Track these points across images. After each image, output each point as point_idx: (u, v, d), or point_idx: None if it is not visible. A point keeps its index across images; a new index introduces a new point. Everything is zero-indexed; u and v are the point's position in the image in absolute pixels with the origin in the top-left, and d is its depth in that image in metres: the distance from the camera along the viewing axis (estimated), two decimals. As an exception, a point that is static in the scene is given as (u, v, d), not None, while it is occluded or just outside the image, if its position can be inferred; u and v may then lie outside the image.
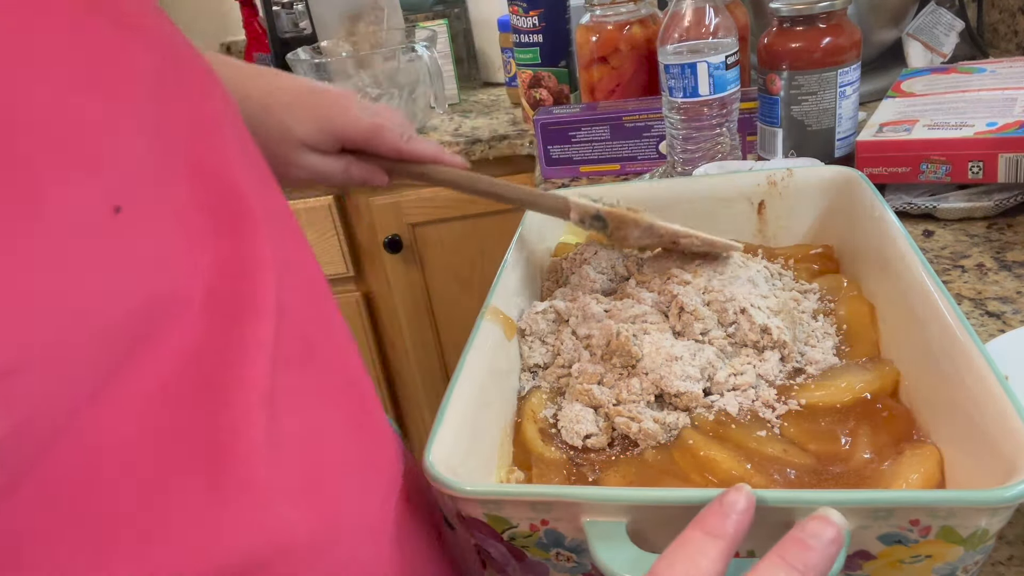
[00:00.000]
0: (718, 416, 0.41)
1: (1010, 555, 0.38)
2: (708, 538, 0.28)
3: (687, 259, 0.52)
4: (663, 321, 0.47)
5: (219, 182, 0.29)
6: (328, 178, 0.54)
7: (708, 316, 0.45)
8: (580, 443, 0.41)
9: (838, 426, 0.39)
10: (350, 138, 0.52)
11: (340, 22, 1.31)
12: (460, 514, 0.35)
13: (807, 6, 0.71)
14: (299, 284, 0.34)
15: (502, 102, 1.37)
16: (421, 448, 0.35)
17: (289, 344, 0.30)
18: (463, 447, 0.37)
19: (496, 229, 1.24)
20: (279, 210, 0.35)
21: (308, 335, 0.33)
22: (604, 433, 0.42)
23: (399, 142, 0.53)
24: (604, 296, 0.50)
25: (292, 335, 0.31)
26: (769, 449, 0.38)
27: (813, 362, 0.43)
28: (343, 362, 0.36)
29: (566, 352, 0.47)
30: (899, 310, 0.43)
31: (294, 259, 0.34)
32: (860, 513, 0.29)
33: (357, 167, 0.54)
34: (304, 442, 0.31)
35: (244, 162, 0.32)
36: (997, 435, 0.31)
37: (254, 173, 0.33)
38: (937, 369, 0.38)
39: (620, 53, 0.95)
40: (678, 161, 0.79)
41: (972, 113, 0.70)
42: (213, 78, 0.33)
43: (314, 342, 0.34)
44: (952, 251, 0.64)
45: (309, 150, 0.52)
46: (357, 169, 0.54)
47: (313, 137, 0.51)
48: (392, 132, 0.52)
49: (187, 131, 0.29)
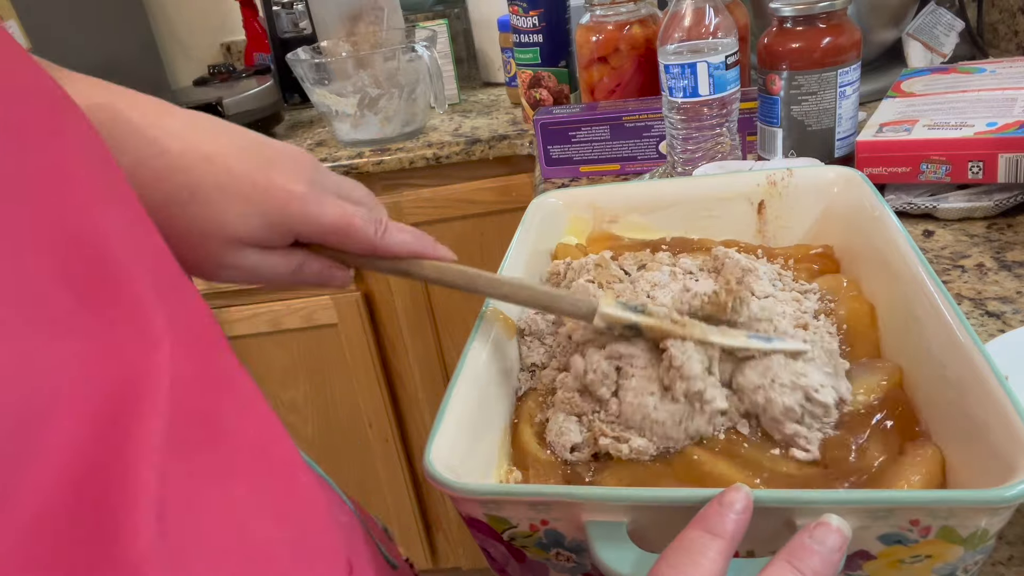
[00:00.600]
0: (729, 435, 0.38)
1: (1010, 555, 0.38)
2: (708, 537, 0.28)
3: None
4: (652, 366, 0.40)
5: (85, 247, 0.24)
6: (272, 280, 0.42)
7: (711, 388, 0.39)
8: (567, 455, 0.40)
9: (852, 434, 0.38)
10: (309, 235, 0.41)
11: (340, 22, 1.31)
12: (460, 514, 0.35)
13: (807, 6, 0.71)
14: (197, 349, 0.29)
15: (502, 102, 1.37)
16: (421, 449, 0.35)
17: (189, 430, 0.26)
18: (463, 447, 0.37)
19: (496, 229, 1.25)
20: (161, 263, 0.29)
21: (211, 414, 0.28)
22: (588, 446, 0.40)
23: (372, 238, 0.41)
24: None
25: (191, 419, 0.26)
26: (784, 468, 0.37)
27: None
28: (256, 429, 0.31)
29: (563, 353, 0.47)
30: (899, 310, 0.43)
31: (184, 320, 0.28)
32: (860, 513, 0.29)
33: (312, 264, 0.43)
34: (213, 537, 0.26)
35: (115, 211, 0.27)
36: (997, 435, 0.31)
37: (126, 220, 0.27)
38: (937, 369, 0.38)
39: (620, 53, 0.95)
40: (678, 161, 0.79)
41: (972, 113, 0.70)
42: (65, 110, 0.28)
43: (219, 420, 0.28)
44: (952, 251, 0.64)
45: (248, 247, 0.40)
46: (312, 266, 0.43)
47: (257, 234, 0.39)
48: (364, 226, 0.41)
49: (45, 192, 0.24)
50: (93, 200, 0.26)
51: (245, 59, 1.64)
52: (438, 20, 1.41)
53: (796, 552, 0.28)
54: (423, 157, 1.19)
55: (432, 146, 1.19)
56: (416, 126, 1.26)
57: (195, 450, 0.26)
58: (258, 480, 0.29)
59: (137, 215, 0.29)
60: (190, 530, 0.25)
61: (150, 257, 0.28)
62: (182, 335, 0.27)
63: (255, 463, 0.30)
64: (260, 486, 0.29)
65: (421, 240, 0.43)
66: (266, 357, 1.34)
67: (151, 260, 0.28)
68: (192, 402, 0.27)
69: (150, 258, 0.28)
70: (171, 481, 0.24)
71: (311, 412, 1.40)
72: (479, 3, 1.42)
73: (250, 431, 0.30)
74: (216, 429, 0.28)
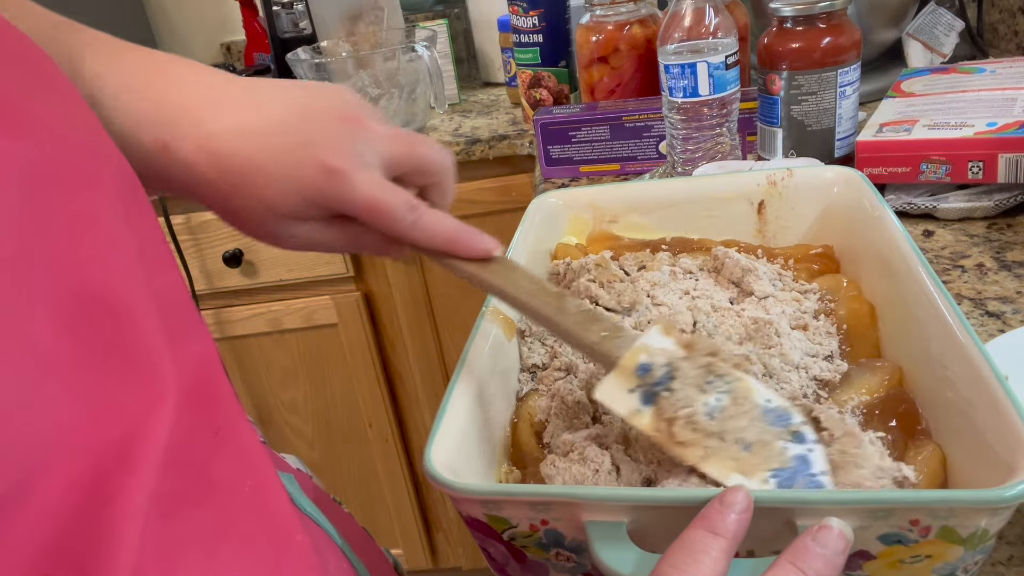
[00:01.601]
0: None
1: (1010, 555, 0.38)
2: (710, 536, 0.28)
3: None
4: None
5: (99, 299, 0.24)
6: (331, 249, 0.42)
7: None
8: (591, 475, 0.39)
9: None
10: (348, 213, 0.40)
11: (340, 22, 1.31)
12: (460, 514, 0.35)
13: (807, 6, 0.71)
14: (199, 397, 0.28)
15: (502, 102, 1.37)
16: (421, 449, 0.35)
17: (179, 484, 0.25)
18: (463, 447, 0.37)
19: (496, 229, 1.24)
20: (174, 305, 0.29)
21: (205, 467, 0.27)
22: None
23: (403, 225, 0.39)
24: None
25: (184, 473, 0.26)
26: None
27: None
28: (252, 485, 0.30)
29: (564, 355, 0.47)
30: (899, 310, 0.43)
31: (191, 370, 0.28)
32: (860, 513, 0.29)
33: (365, 237, 0.42)
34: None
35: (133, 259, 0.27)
36: (997, 435, 0.31)
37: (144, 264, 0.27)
38: (937, 369, 0.38)
39: (620, 53, 0.95)
40: (678, 161, 0.79)
41: (972, 113, 0.70)
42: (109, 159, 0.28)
43: (213, 474, 0.28)
44: (952, 251, 0.64)
45: (299, 221, 0.40)
46: (366, 239, 0.42)
47: (300, 211, 0.39)
48: (394, 211, 0.39)
49: (62, 239, 0.24)
50: (109, 254, 0.25)
51: (245, 59, 1.64)
52: (438, 20, 1.41)
53: (800, 554, 0.28)
54: (423, 157, 1.19)
55: (432, 146, 1.19)
56: (416, 126, 1.26)
57: (185, 508, 0.25)
58: (247, 540, 0.28)
59: (156, 253, 0.29)
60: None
61: (164, 301, 0.28)
62: (187, 385, 0.27)
63: (247, 521, 0.29)
64: (248, 547, 0.28)
65: (458, 233, 0.40)
66: (266, 357, 1.34)
67: (165, 304, 0.28)
68: (187, 456, 0.26)
69: (164, 302, 0.28)
70: (152, 545, 0.23)
71: (311, 412, 1.40)
72: (479, 3, 1.42)
73: (245, 486, 0.29)
74: (208, 485, 0.27)
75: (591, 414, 0.43)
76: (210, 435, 0.28)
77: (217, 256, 1.23)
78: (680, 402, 0.35)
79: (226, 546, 0.27)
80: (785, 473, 0.34)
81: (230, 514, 0.28)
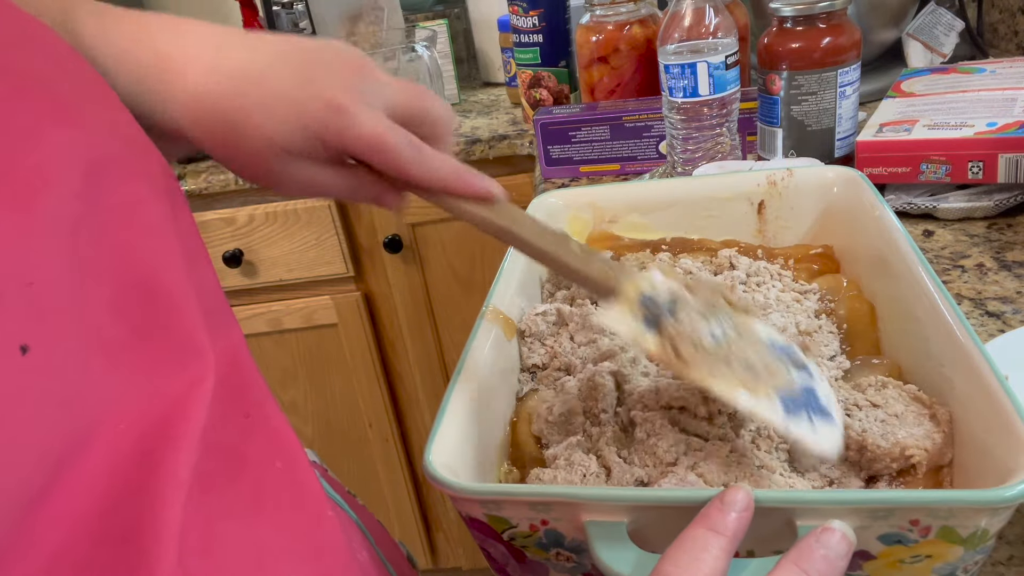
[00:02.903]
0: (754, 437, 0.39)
1: (1010, 555, 0.38)
2: (711, 534, 0.28)
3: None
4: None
5: (146, 283, 0.25)
6: (331, 194, 0.42)
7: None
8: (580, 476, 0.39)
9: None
10: (347, 150, 0.39)
11: (340, 22, 1.31)
12: (460, 514, 0.35)
13: (807, 6, 0.71)
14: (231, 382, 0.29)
15: (502, 102, 1.37)
16: (421, 449, 0.35)
17: (215, 463, 0.27)
18: (463, 447, 0.37)
19: (496, 229, 1.24)
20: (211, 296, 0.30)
21: (238, 446, 0.29)
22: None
23: (404, 161, 0.39)
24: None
25: (219, 452, 0.27)
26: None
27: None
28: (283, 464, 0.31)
29: (563, 355, 0.47)
30: (899, 310, 0.43)
31: (227, 354, 0.29)
32: (860, 513, 0.29)
33: (366, 182, 0.41)
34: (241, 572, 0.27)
35: (175, 244, 0.28)
36: (997, 435, 0.31)
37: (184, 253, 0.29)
38: (937, 369, 0.38)
39: (620, 53, 0.95)
40: (678, 161, 0.79)
41: (972, 113, 0.70)
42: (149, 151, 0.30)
43: (245, 453, 0.29)
44: (952, 251, 0.64)
45: (301, 160, 0.39)
46: (366, 185, 0.41)
47: (300, 147, 0.38)
48: (396, 147, 0.38)
49: (114, 224, 0.25)
50: (156, 235, 0.27)
51: (245, 59, 1.64)
52: (438, 20, 1.41)
53: (803, 555, 0.28)
54: (423, 157, 1.19)
55: (432, 146, 1.19)
56: (416, 126, 1.26)
57: (221, 485, 0.27)
58: (282, 516, 0.30)
59: (195, 246, 0.30)
60: (209, 565, 0.25)
61: (203, 290, 0.29)
62: (223, 369, 0.28)
63: (280, 498, 0.30)
64: (283, 523, 0.30)
65: (459, 172, 0.40)
66: (266, 357, 1.34)
67: (203, 293, 0.29)
68: (222, 435, 0.27)
69: (202, 291, 0.29)
70: (194, 516, 0.25)
71: (311, 412, 1.40)
72: (479, 3, 1.42)
73: (277, 466, 0.31)
74: (244, 464, 0.28)
75: (581, 425, 0.42)
76: (241, 416, 0.30)
77: (217, 256, 1.23)
78: (685, 328, 0.35)
79: (262, 518, 0.28)
80: (791, 399, 0.34)
81: (264, 490, 0.29)
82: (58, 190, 0.23)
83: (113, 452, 0.23)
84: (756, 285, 0.50)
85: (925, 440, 0.35)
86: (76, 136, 0.25)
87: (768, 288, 0.50)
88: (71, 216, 0.23)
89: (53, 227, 0.22)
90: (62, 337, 0.22)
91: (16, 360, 0.20)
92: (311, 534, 0.31)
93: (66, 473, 0.21)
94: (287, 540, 0.30)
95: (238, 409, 0.29)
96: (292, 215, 1.21)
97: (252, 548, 0.27)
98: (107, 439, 0.22)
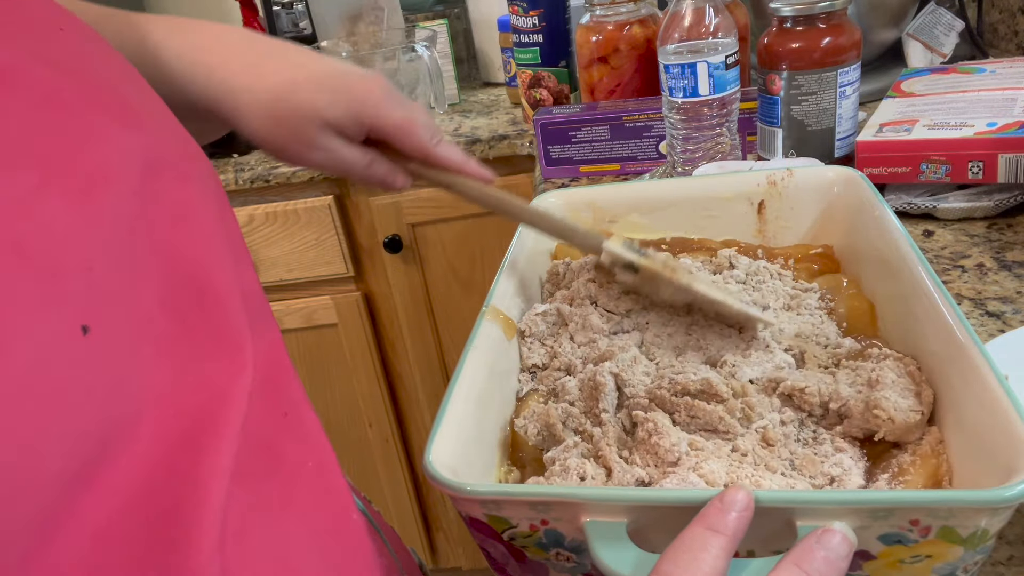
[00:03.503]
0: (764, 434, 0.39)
1: (1010, 555, 0.38)
2: (710, 534, 0.28)
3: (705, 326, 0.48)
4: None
5: (193, 279, 0.27)
6: (349, 168, 0.49)
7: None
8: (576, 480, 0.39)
9: None
10: (379, 128, 0.48)
11: (340, 22, 1.31)
12: (460, 514, 0.35)
13: (807, 6, 0.71)
14: (270, 380, 0.31)
15: (502, 102, 1.37)
16: (421, 449, 0.35)
17: (252, 458, 0.28)
18: (463, 447, 0.37)
19: (496, 229, 1.24)
20: (253, 297, 0.32)
21: (274, 444, 0.30)
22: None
23: (427, 144, 0.48)
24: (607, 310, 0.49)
25: (256, 447, 0.28)
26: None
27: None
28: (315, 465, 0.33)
29: (563, 355, 0.47)
30: (899, 310, 0.43)
31: (265, 352, 0.31)
32: (860, 513, 0.29)
33: (380, 164, 0.50)
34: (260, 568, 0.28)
35: (223, 247, 0.30)
36: (997, 435, 0.31)
37: (231, 257, 0.31)
38: (937, 369, 0.38)
39: (620, 53, 0.95)
40: (678, 161, 0.79)
41: (972, 113, 0.70)
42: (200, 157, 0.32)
43: (281, 451, 0.31)
44: (952, 251, 0.64)
45: (334, 133, 0.48)
46: (380, 166, 0.50)
47: (340, 120, 0.47)
48: (422, 130, 0.48)
49: (166, 222, 0.27)
50: (205, 234, 0.29)
51: (245, 59, 1.64)
52: (438, 20, 1.41)
53: (804, 556, 0.28)
54: (423, 157, 1.19)
55: (432, 146, 1.19)
56: (416, 126, 1.26)
57: (257, 479, 0.28)
58: (310, 514, 0.31)
59: (239, 247, 0.33)
60: (240, 556, 0.26)
61: (246, 290, 0.31)
62: (263, 366, 0.29)
63: (309, 496, 0.31)
64: (311, 521, 0.31)
65: (467, 159, 0.50)
66: (266, 357, 1.34)
67: (247, 293, 0.31)
68: (260, 431, 0.29)
69: (246, 291, 0.31)
70: (232, 506, 0.26)
71: (311, 412, 1.40)
72: (479, 3, 1.42)
73: (309, 464, 0.32)
74: (278, 459, 0.30)
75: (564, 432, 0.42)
76: (279, 416, 0.31)
77: (217, 256, 1.23)
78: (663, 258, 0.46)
79: (290, 516, 0.30)
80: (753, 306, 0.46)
81: (295, 488, 0.31)
82: (118, 186, 0.25)
83: (159, 436, 0.24)
84: (756, 285, 0.50)
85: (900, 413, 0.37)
86: (137, 138, 0.27)
87: (768, 288, 0.50)
88: (128, 211, 0.25)
89: (112, 219, 0.24)
90: (118, 322, 0.23)
91: (78, 340, 0.21)
92: (336, 533, 0.33)
93: (113, 453, 0.22)
94: (312, 538, 0.31)
95: (276, 407, 0.31)
96: (292, 215, 1.21)
97: (279, 544, 0.29)
98: (154, 423, 0.24)
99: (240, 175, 1.18)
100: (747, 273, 0.51)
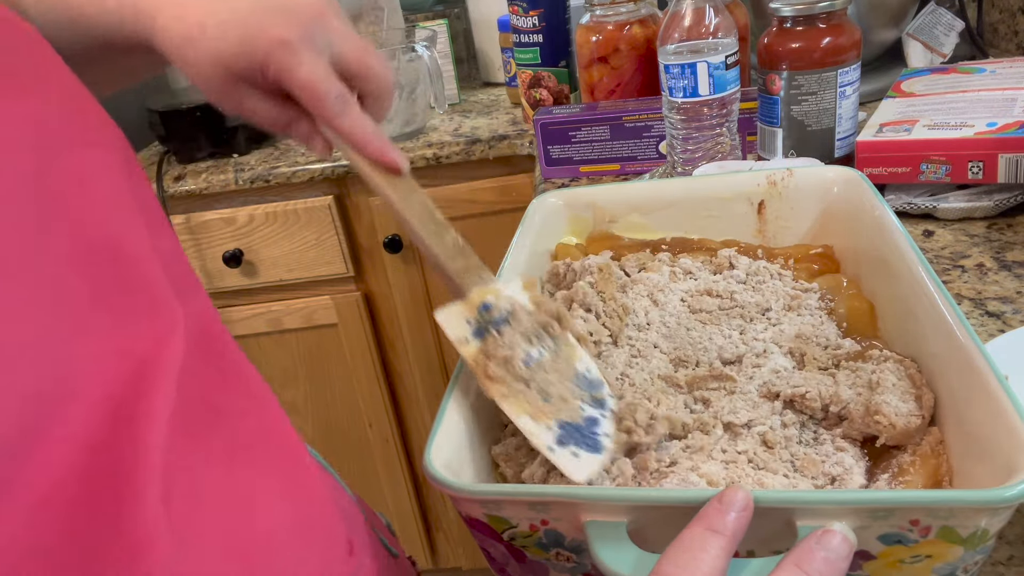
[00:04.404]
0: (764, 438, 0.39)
1: (1010, 555, 0.38)
2: (709, 533, 0.28)
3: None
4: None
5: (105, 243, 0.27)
6: (271, 126, 0.45)
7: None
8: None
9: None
10: (286, 87, 0.42)
11: (340, 22, 1.31)
12: (460, 514, 0.35)
13: (807, 6, 0.71)
14: (203, 343, 0.31)
15: (502, 102, 1.37)
16: (421, 449, 0.35)
17: (190, 414, 0.28)
18: (463, 447, 0.37)
19: (496, 229, 1.24)
20: (176, 264, 0.32)
21: (212, 399, 0.30)
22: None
23: (329, 111, 0.42)
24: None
25: (194, 403, 0.28)
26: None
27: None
28: (258, 417, 0.33)
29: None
30: (899, 310, 0.43)
31: (196, 316, 0.31)
32: (860, 513, 0.29)
33: (300, 125, 0.44)
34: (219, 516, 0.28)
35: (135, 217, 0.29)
36: (997, 435, 0.31)
37: (145, 225, 0.30)
38: (937, 369, 0.38)
39: (620, 53, 0.95)
40: (678, 161, 0.79)
41: (972, 113, 0.70)
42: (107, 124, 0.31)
43: (219, 406, 0.31)
44: (952, 251, 0.64)
45: (249, 87, 0.42)
46: (301, 125, 0.44)
47: (247, 74, 0.41)
48: (326, 96, 0.41)
49: (70, 187, 0.26)
50: (114, 207, 0.28)
51: (245, 59, 1.64)
52: (438, 20, 1.41)
53: (804, 556, 0.28)
54: (423, 157, 1.19)
55: (432, 146, 1.19)
56: (416, 126, 1.26)
57: (200, 434, 0.28)
58: (262, 464, 0.32)
59: (156, 217, 0.32)
60: (196, 509, 0.27)
61: (167, 259, 0.30)
62: (193, 328, 0.29)
63: (259, 448, 0.32)
64: (264, 469, 0.32)
65: (375, 137, 0.43)
66: (266, 357, 1.34)
67: (168, 261, 0.30)
68: (198, 390, 0.29)
69: (167, 259, 0.30)
70: (176, 461, 0.26)
71: (311, 412, 1.40)
72: (479, 3, 1.42)
73: (252, 419, 0.33)
74: (220, 415, 0.30)
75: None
76: (215, 372, 0.31)
77: (217, 256, 1.23)
78: (504, 344, 0.39)
79: (240, 463, 0.30)
80: (572, 427, 0.38)
81: (239, 439, 0.31)
82: (13, 155, 0.24)
83: (93, 398, 0.24)
84: (756, 285, 0.50)
85: (901, 418, 0.36)
86: (29, 106, 0.26)
87: (768, 288, 0.50)
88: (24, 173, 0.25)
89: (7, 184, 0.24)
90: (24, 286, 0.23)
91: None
92: (292, 478, 0.34)
93: (50, 420, 0.22)
94: (268, 483, 0.32)
95: (211, 364, 0.31)
96: (292, 215, 1.21)
97: (235, 491, 0.29)
98: (85, 388, 0.24)
99: (240, 175, 1.18)
100: (747, 273, 0.51)
